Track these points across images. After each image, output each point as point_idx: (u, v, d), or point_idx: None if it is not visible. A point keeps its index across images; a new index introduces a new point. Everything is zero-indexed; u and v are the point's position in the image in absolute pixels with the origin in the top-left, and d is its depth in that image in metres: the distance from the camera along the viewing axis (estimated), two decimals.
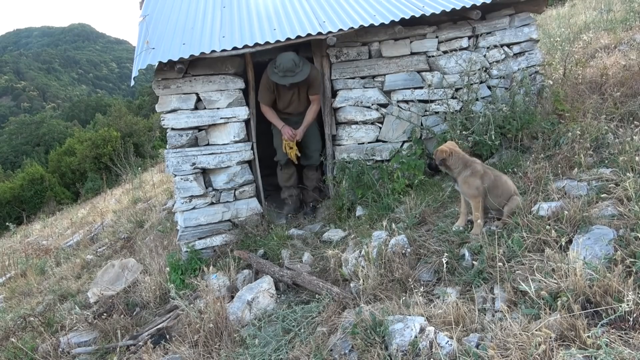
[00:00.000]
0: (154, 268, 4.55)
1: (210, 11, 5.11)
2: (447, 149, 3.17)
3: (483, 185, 3.08)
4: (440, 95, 4.59)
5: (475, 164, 3.17)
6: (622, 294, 2.01)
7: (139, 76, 4.11)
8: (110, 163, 14.57)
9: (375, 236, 3.31)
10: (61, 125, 50.22)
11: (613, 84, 4.81)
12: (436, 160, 3.21)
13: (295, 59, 4.18)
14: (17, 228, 12.68)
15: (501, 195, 3.10)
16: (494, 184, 3.10)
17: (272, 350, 2.70)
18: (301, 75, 4.20)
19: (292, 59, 4.15)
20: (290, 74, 4.18)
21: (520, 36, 4.76)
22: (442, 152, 3.17)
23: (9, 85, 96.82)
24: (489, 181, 3.10)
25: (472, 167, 3.14)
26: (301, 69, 4.21)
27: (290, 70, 4.17)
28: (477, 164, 3.19)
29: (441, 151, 3.18)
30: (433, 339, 2.17)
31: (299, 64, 4.20)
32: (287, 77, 4.18)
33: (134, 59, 4.24)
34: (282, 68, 4.16)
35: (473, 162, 3.18)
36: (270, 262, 3.89)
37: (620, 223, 2.59)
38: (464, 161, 3.17)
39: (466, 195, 3.17)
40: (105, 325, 3.82)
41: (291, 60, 4.15)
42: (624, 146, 3.39)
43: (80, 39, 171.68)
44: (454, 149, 3.19)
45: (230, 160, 4.44)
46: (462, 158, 3.18)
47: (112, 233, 7.28)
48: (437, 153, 3.20)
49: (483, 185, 3.08)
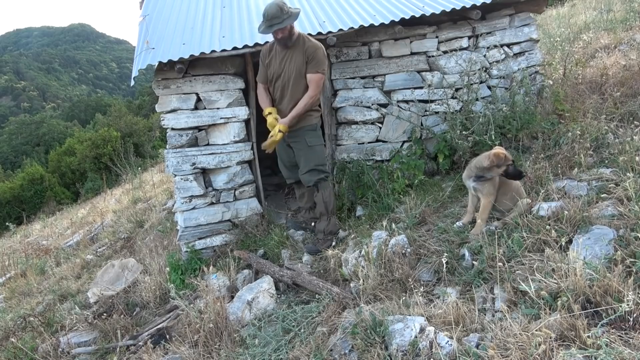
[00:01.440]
0: (154, 268, 4.55)
1: (210, 11, 5.11)
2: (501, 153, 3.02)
3: (493, 183, 3.08)
4: (440, 95, 4.59)
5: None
6: (622, 294, 2.01)
7: (139, 76, 4.11)
8: (110, 163, 14.57)
9: (375, 236, 3.31)
10: (61, 125, 50.27)
11: (613, 84, 4.81)
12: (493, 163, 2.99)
13: (283, 5, 3.58)
14: (17, 228, 12.69)
15: (507, 195, 3.10)
16: (502, 183, 3.10)
17: (272, 350, 2.70)
18: (288, 21, 3.57)
19: (278, 3, 3.56)
20: (276, 20, 3.55)
21: (520, 36, 4.76)
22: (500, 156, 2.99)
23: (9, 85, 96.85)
24: (500, 180, 3.09)
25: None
26: (289, 15, 3.59)
27: (276, 17, 3.54)
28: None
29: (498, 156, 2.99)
30: (433, 339, 2.17)
31: (288, 10, 3.60)
32: (274, 25, 3.55)
33: (134, 59, 4.24)
34: (267, 16, 3.56)
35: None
36: (270, 262, 3.89)
37: (620, 223, 2.59)
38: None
39: (481, 193, 3.11)
40: (105, 325, 3.82)
41: (276, 5, 3.54)
42: (624, 146, 3.39)
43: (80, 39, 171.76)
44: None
45: (230, 160, 4.44)
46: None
47: (112, 233, 7.27)
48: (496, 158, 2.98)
49: (493, 183, 3.08)
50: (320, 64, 3.69)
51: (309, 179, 3.83)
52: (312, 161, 3.81)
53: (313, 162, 3.81)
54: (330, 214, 3.92)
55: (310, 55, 3.66)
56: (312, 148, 3.82)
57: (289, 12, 3.59)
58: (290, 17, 3.60)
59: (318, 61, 3.67)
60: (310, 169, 3.81)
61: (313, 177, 3.81)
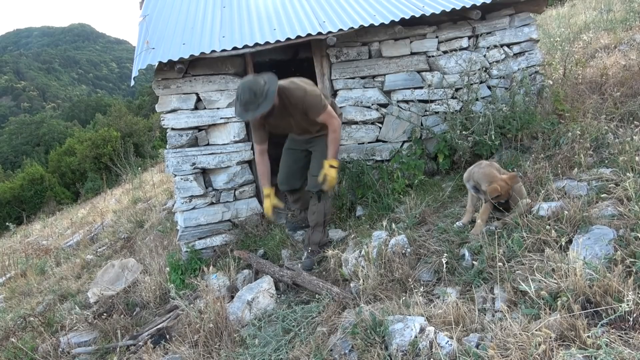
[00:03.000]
0: (154, 268, 4.55)
1: (210, 11, 5.11)
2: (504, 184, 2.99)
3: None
4: (440, 95, 4.59)
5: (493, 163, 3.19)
6: (622, 294, 2.01)
7: (139, 76, 4.11)
8: (110, 163, 14.58)
9: (375, 236, 3.31)
10: (61, 125, 50.29)
11: (613, 84, 4.81)
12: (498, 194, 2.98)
13: (255, 87, 3.20)
14: (17, 228, 12.70)
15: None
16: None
17: (272, 350, 2.70)
18: (266, 105, 3.22)
19: (250, 87, 3.20)
20: (252, 106, 3.21)
21: (520, 36, 4.76)
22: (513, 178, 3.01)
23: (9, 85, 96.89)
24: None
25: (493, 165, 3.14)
26: (265, 96, 3.21)
27: (251, 103, 3.20)
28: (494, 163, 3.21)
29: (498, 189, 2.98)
30: (433, 339, 2.17)
31: (262, 91, 3.21)
32: (249, 110, 3.23)
33: (134, 59, 4.24)
34: (242, 101, 3.23)
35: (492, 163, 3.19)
36: (270, 262, 3.89)
37: (620, 223, 2.59)
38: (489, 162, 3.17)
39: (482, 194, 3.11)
40: (105, 325, 3.82)
41: (248, 89, 3.19)
42: (624, 146, 3.39)
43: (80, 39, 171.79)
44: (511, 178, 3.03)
45: (230, 160, 4.44)
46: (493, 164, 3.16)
47: (112, 233, 7.28)
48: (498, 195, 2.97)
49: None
50: (318, 106, 3.45)
51: (316, 184, 3.68)
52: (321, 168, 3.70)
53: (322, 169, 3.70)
54: (325, 225, 3.88)
55: (305, 106, 3.44)
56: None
57: (264, 93, 3.21)
58: (267, 100, 3.22)
59: (315, 105, 3.44)
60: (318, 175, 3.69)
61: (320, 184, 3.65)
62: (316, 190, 3.71)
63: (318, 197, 3.75)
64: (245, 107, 3.24)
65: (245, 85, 3.23)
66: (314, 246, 3.81)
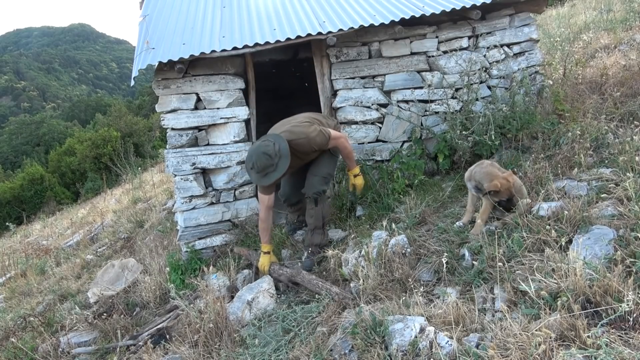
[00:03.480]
0: (154, 268, 4.55)
1: (210, 11, 5.11)
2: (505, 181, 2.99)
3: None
4: (440, 95, 4.59)
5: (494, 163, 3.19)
6: (622, 294, 2.01)
7: (139, 76, 4.11)
8: (110, 163, 14.57)
9: (375, 236, 3.31)
10: (61, 125, 50.27)
11: (613, 84, 4.81)
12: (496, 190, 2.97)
13: (267, 150, 3.25)
14: (17, 228, 12.70)
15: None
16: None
17: (272, 350, 2.70)
18: (284, 163, 3.27)
19: (263, 151, 3.24)
20: (270, 169, 3.28)
21: (520, 36, 4.76)
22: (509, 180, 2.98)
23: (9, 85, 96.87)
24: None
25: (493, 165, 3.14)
26: (279, 155, 3.27)
27: (268, 166, 3.27)
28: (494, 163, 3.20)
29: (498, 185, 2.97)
30: (433, 339, 2.17)
31: (275, 151, 3.26)
32: (269, 174, 3.30)
33: (134, 59, 4.24)
34: (259, 167, 3.28)
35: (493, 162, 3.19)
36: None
37: (620, 223, 2.59)
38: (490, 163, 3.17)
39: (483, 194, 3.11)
40: (105, 325, 3.82)
41: (262, 154, 3.24)
42: (624, 146, 3.39)
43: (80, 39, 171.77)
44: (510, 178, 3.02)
45: (230, 160, 4.44)
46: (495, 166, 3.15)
47: (112, 233, 7.28)
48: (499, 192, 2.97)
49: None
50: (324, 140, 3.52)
51: (315, 185, 3.70)
52: (325, 169, 3.76)
53: (326, 170, 3.76)
54: (324, 227, 3.86)
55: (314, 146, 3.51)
56: (332, 157, 3.81)
57: (277, 153, 3.27)
58: (282, 158, 3.28)
59: (321, 141, 3.51)
60: (322, 175, 3.74)
61: (318, 185, 3.70)
62: (313, 193, 3.69)
63: (315, 200, 3.72)
64: (263, 173, 3.30)
65: (258, 151, 3.26)
66: (314, 247, 3.80)
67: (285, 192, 4.07)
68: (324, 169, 3.75)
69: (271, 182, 3.38)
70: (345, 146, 3.71)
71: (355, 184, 3.91)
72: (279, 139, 3.34)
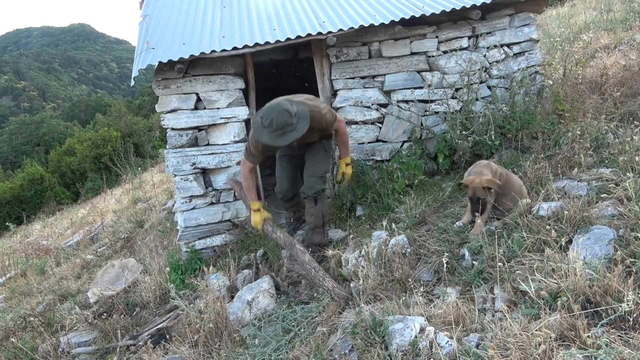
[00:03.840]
0: (154, 268, 4.55)
1: (210, 11, 5.11)
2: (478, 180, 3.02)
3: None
4: (440, 95, 4.59)
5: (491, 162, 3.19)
6: (622, 294, 2.01)
7: (139, 76, 4.11)
8: (110, 163, 14.57)
9: (375, 236, 3.31)
10: (61, 125, 50.27)
11: (613, 84, 4.81)
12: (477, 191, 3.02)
13: (288, 108, 3.10)
14: (17, 228, 12.70)
15: (508, 195, 3.09)
16: (504, 183, 3.10)
17: (272, 350, 2.70)
18: (303, 125, 3.13)
19: (285, 109, 3.08)
20: (288, 128, 3.09)
21: (520, 36, 4.76)
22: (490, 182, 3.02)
23: (9, 85, 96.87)
24: (502, 180, 3.09)
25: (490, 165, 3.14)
26: (298, 117, 3.14)
27: (287, 125, 3.08)
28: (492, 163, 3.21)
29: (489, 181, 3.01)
30: (433, 339, 2.17)
31: (294, 110, 3.13)
32: (287, 133, 3.10)
33: (134, 59, 4.24)
34: (277, 124, 3.07)
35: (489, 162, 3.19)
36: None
37: (620, 223, 2.59)
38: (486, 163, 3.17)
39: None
40: (105, 325, 3.82)
41: (284, 111, 3.07)
42: (624, 146, 3.39)
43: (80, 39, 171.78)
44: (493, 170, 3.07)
45: (230, 160, 4.44)
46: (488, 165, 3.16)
47: (112, 233, 7.28)
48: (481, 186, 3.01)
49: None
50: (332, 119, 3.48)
51: (313, 185, 3.64)
52: (322, 167, 3.71)
53: (322, 168, 3.71)
54: (324, 226, 3.84)
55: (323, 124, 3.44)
56: (327, 154, 3.76)
57: (296, 114, 3.13)
58: (301, 120, 3.14)
59: (330, 120, 3.46)
60: (319, 175, 3.69)
61: (317, 185, 3.65)
62: (313, 193, 3.65)
63: (314, 199, 3.66)
64: (281, 132, 3.09)
65: (279, 108, 3.08)
66: (313, 247, 3.77)
67: (283, 187, 3.95)
68: (321, 168, 3.70)
69: (287, 143, 3.18)
70: (345, 131, 3.72)
71: (346, 173, 3.92)
72: (295, 102, 3.21)
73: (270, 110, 3.11)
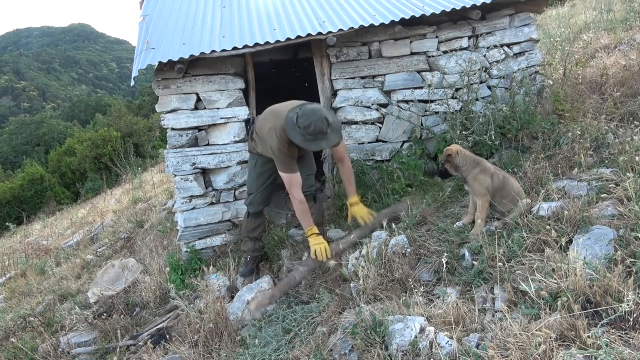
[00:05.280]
0: (154, 268, 4.55)
1: (210, 11, 5.11)
2: (453, 148, 3.20)
3: (493, 184, 3.08)
4: (440, 95, 4.59)
5: (484, 162, 3.18)
6: (622, 294, 2.01)
7: (139, 76, 4.11)
8: (110, 163, 14.58)
9: (375, 236, 3.31)
10: (61, 125, 50.29)
11: (613, 84, 4.81)
12: (442, 159, 3.23)
13: (327, 116, 3.14)
14: (17, 228, 12.69)
15: (507, 197, 3.09)
16: (502, 184, 3.10)
17: (272, 350, 2.70)
18: (335, 137, 3.20)
19: (325, 117, 3.10)
20: (322, 136, 3.11)
21: (520, 36, 4.76)
22: (448, 150, 3.20)
23: (9, 85, 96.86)
24: (498, 181, 3.09)
25: (481, 164, 3.14)
26: (332, 127, 3.18)
27: (322, 133, 3.10)
28: (486, 162, 3.20)
29: (446, 150, 3.21)
30: (433, 339, 2.17)
31: (330, 120, 3.16)
32: (319, 139, 3.12)
33: (134, 59, 4.24)
34: (315, 129, 3.06)
35: (482, 161, 3.18)
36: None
37: (620, 223, 2.59)
38: (472, 159, 3.16)
39: (475, 194, 3.14)
40: (105, 325, 3.82)
41: (324, 118, 3.08)
42: (624, 146, 3.39)
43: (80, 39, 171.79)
44: (459, 149, 3.22)
45: (230, 160, 4.44)
46: (470, 156, 3.18)
47: (112, 233, 7.28)
48: (444, 153, 3.22)
49: (493, 184, 3.08)
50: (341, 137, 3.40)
51: (312, 183, 3.70)
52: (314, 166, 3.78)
53: (314, 167, 3.78)
54: (324, 226, 3.83)
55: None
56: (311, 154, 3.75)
57: (332, 124, 3.16)
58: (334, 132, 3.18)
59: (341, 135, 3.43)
60: (313, 173, 3.76)
61: (314, 183, 3.74)
62: (313, 190, 3.66)
63: (314, 197, 3.67)
64: (313, 137, 3.09)
65: (321, 114, 3.09)
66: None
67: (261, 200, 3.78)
68: (313, 167, 3.75)
69: (317, 149, 3.22)
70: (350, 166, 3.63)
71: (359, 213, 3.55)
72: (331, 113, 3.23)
73: (312, 114, 3.09)
